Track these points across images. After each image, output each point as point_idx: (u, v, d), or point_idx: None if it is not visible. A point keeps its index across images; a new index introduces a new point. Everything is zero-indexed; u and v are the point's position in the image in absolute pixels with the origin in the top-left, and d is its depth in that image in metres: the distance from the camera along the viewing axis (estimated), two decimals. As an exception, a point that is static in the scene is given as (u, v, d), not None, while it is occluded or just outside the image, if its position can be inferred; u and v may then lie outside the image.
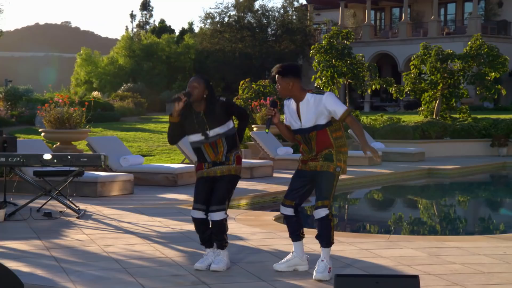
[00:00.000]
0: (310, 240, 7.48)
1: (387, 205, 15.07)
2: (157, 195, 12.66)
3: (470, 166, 19.85)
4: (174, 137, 7.04)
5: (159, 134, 27.61)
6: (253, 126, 20.23)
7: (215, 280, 6.52)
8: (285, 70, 6.54)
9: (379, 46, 50.34)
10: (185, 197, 12.34)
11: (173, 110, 6.77)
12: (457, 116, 25.77)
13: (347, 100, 26.34)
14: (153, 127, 31.06)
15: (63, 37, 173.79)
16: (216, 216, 6.97)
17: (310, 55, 25.35)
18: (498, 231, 10.53)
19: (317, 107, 6.46)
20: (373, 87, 24.52)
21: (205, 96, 6.84)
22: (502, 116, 25.87)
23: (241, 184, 11.49)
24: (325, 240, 6.56)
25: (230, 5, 54.50)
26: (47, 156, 9.95)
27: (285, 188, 13.64)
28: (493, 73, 24.73)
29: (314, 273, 6.47)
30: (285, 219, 6.83)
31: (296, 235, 6.79)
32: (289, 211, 6.72)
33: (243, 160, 7.78)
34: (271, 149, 17.82)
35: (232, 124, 7.00)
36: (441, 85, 24.56)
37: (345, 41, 24.56)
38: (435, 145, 22.71)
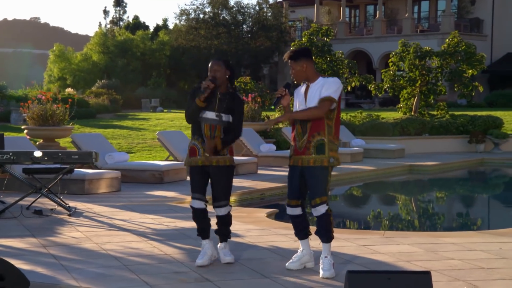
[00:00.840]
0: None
1: (374, 201, 15.15)
2: (145, 192, 12.63)
3: (449, 162, 20.02)
4: (194, 118, 7.03)
5: (138, 131, 27.49)
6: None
7: (218, 277, 6.52)
8: (296, 54, 6.58)
9: (354, 43, 50.56)
10: (174, 194, 12.33)
11: (202, 95, 6.81)
12: (435, 113, 25.96)
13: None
14: (131, 124, 30.90)
15: (32, 33, 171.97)
16: (223, 211, 7.08)
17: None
18: (490, 227, 10.64)
19: (321, 88, 6.50)
20: (353, 84, 24.61)
21: (227, 76, 6.98)
22: (479, 113, 26.10)
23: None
24: (326, 235, 6.58)
25: (205, 2, 54.40)
26: (38, 154, 9.89)
27: (271, 185, 13.79)
28: (470, 70, 24.95)
29: (321, 271, 6.49)
30: (292, 219, 6.83)
31: (304, 234, 6.81)
32: (298, 211, 6.75)
33: None
34: (254, 146, 17.83)
35: (230, 118, 7.03)
36: (419, 82, 24.73)
37: (325, 38, 24.62)
38: (414, 142, 22.87)
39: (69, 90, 48.64)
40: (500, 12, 49.41)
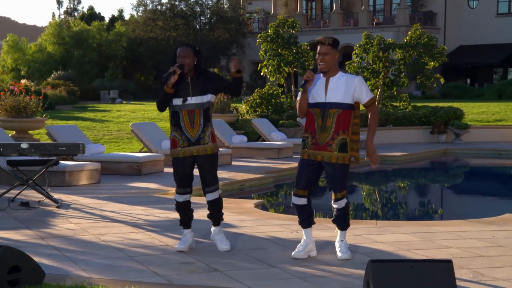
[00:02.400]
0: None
1: (354, 191, 15.23)
2: (125, 184, 12.56)
3: (415, 152, 20.28)
4: (164, 105, 7.10)
5: (101, 123, 27.25)
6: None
7: (226, 267, 6.55)
8: (337, 42, 6.64)
9: (312, 35, 50.56)
10: (156, 186, 12.29)
11: (169, 82, 6.85)
12: (397, 104, 26.26)
13: (293, 89, 26.52)
14: (93, 116, 30.61)
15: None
16: (213, 195, 7.19)
17: (257, 43, 25.39)
18: (472, 216, 10.81)
19: (348, 86, 6.56)
20: (318, 75, 24.70)
21: (195, 63, 7.02)
22: (440, 104, 26.48)
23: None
24: (344, 224, 6.82)
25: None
26: (25, 145, 9.78)
27: (250, 176, 13.82)
28: (432, 62, 25.28)
29: (340, 254, 6.73)
30: (297, 208, 6.89)
31: (308, 222, 6.88)
32: (303, 201, 6.82)
33: None
34: (225, 138, 17.84)
35: (211, 98, 7.08)
36: (382, 74, 24.97)
37: (291, 30, 24.71)
38: (379, 133, 22.81)
39: (24, 81, 47.88)
40: (453, 6, 50.09)
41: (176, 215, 9.19)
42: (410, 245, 7.45)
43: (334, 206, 6.75)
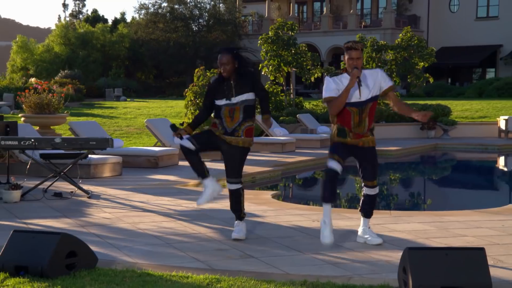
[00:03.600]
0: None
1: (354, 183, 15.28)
2: (146, 176, 12.56)
3: (409, 147, 20.34)
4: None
5: (110, 119, 27.22)
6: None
7: (260, 254, 6.58)
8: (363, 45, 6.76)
9: (304, 37, 50.66)
10: (175, 178, 12.30)
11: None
12: (389, 102, 26.29)
13: (292, 87, 26.55)
14: (101, 112, 30.56)
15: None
16: (233, 186, 7.23)
17: (258, 44, 25.38)
18: (476, 206, 10.87)
19: (375, 79, 6.67)
20: (316, 75, 24.76)
21: (236, 66, 7.01)
22: (429, 102, 26.56)
23: (213, 165, 11.47)
24: (371, 211, 6.96)
25: (162, -3, 53.99)
26: (58, 140, 9.78)
27: (260, 169, 13.84)
28: (422, 63, 25.35)
29: (370, 239, 6.86)
30: (328, 176, 6.61)
31: (333, 197, 6.69)
32: (338, 166, 6.61)
33: None
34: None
35: (253, 96, 7.09)
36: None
37: (290, 32, 24.71)
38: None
39: (32, 79, 47.79)
40: (435, 10, 50.20)
41: (202, 206, 9.25)
42: (427, 233, 7.49)
43: (370, 193, 6.78)
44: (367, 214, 6.90)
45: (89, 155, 12.32)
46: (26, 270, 5.45)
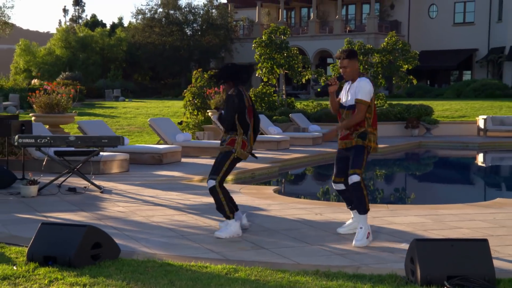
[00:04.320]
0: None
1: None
2: (152, 172, 12.53)
3: (395, 145, 20.42)
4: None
5: (112, 118, 27.13)
6: (208, 111, 20.15)
7: (270, 245, 6.59)
8: (353, 53, 6.65)
9: (292, 41, 50.49)
10: (179, 174, 12.29)
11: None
12: (375, 102, 26.37)
13: (284, 88, 26.54)
14: (102, 112, 30.46)
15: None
16: (209, 183, 7.02)
17: (252, 48, 25.37)
18: (465, 200, 10.93)
19: (355, 88, 6.64)
20: (306, 77, 24.79)
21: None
22: (413, 102, 26.65)
23: (213, 162, 11.48)
24: (361, 207, 6.67)
25: (159, 2, 53.76)
26: (72, 138, 9.75)
27: (258, 165, 13.83)
28: (406, 65, 25.42)
29: (354, 241, 6.61)
30: (340, 194, 6.99)
31: (350, 205, 6.97)
32: (341, 186, 6.90)
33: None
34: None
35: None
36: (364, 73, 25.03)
37: (282, 36, 24.71)
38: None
39: (35, 81, 47.58)
40: (415, 15, 50.37)
41: (208, 200, 9.26)
42: (424, 226, 7.52)
43: (349, 181, 6.69)
44: (357, 209, 6.72)
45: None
46: (55, 260, 5.45)
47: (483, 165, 18.68)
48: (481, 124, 24.19)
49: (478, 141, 22.08)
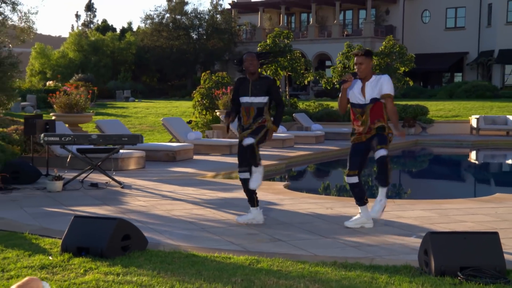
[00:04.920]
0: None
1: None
2: (167, 169, 12.52)
3: (393, 143, 20.33)
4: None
5: (123, 118, 27.11)
6: (216, 111, 20.15)
7: (287, 238, 6.58)
8: (369, 52, 6.75)
9: (292, 45, 50.70)
10: (193, 170, 12.28)
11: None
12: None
13: (287, 89, 26.54)
14: (114, 112, 30.47)
15: None
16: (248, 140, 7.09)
17: (258, 51, 25.35)
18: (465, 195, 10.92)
19: (377, 83, 6.65)
20: (308, 78, 24.79)
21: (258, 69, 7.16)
22: (409, 103, 26.61)
23: (224, 159, 11.50)
24: (385, 179, 6.67)
25: (165, 8, 53.74)
26: (95, 136, 9.75)
27: (266, 162, 13.81)
28: (403, 68, 25.41)
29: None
30: (352, 188, 6.97)
31: (362, 201, 6.96)
32: (354, 179, 6.89)
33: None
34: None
35: (266, 99, 7.12)
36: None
37: (286, 40, 24.70)
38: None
39: (50, 82, 47.61)
40: (409, 21, 50.34)
41: (223, 195, 9.31)
42: (431, 219, 7.52)
43: (375, 156, 6.72)
44: (380, 181, 6.71)
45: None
46: (87, 251, 5.45)
47: (478, 162, 18.68)
48: (474, 123, 24.19)
49: (472, 139, 22.08)
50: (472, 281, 4.78)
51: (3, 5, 12.57)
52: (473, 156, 19.72)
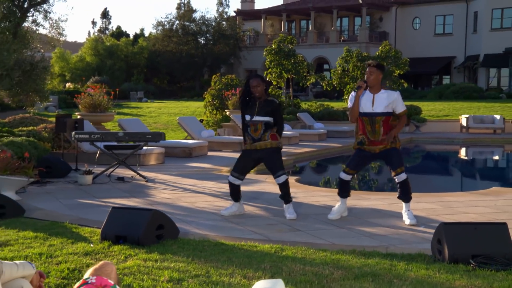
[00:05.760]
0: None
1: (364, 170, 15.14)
2: (185, 164, 12.51)
3: (390, 141, 20.33)
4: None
5: (139, 117, 27.06)
6: (226, 110, 20.13)
7: (305, 228, 6.59)
8: (382, 66, 6.74)
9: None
10: (209, 165, 12.27)
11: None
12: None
13: (291, 91, 26.53)
14: (130, 111, 30.43)
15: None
16: (281, 179, 7.08)
17: (263, 55, 25.34)
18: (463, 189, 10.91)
19: (389, 99, 6.64)
20: (310, 81, 24.77)
21: (264, 88, 7.05)
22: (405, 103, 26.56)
23: (236, 155, 11.42)
24: (408, 197, 6.87)
25: (175, 16, 53.69)
26: (121, 134, 9.75)
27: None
28: (398, 71, 25.38)
29: (408, 220, 6.74)
30: (341, 182, 7.00)
31: (346, 194, 7.03)
32: (349, 178, 6.96)
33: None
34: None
35: (271, 119, 7.09)
36: (360, 79, 25.00)
37: (290, 45, 24.67)
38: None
39: (69, 84, 47.63)
40: (401, 27, 50.27)
41: (242, 188, 9.22)
42: (436, 211, 7.51)
43: (397, 179, 6.80)
44: (405, 199, 6.86)
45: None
46: (125, 239, 5.46)
47: (470, 158, 18.66)
48: (463, 122, 24.17)
49: (462, 137, 22.07)
50: (484, 268, 4.78)
51: (36, 13, 12.58)
52: (465, 152, 19.69)
